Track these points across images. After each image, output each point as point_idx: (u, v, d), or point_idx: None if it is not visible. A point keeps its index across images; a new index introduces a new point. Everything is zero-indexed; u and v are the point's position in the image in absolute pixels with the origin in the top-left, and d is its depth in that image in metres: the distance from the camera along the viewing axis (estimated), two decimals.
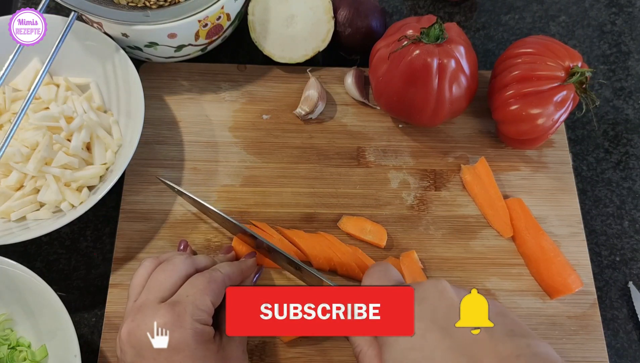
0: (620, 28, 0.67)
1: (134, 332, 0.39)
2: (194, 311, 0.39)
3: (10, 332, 0.48)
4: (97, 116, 0.53)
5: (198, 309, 0.39)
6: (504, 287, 0.52)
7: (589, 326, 0.51)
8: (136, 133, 0.50)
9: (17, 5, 0.66)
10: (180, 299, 0.40)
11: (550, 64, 0.51)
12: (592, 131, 0.61)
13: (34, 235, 0.47)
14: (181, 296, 0.40)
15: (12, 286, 0.47)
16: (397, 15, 0.67)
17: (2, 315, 0.48)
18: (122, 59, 0.54)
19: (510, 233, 0.53)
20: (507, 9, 0.68)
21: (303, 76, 0.60)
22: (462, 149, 0.58)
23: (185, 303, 0.39)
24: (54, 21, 0.53)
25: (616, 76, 0.64)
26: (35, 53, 0.56)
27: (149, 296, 0.40)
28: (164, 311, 0.39)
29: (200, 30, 0.53)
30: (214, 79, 0.60)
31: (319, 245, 0.51)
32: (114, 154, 0.53)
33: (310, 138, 0.57)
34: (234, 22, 0.57)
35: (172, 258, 0.43)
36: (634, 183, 0.59)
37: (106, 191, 0.48)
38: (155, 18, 0.51)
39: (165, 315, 0.38)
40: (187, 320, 0.38)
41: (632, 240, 0.57)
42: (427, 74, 0.49)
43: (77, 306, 0.51)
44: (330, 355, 0.49)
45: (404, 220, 0.54)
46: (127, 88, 0.54)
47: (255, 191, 0.55)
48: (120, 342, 0.40)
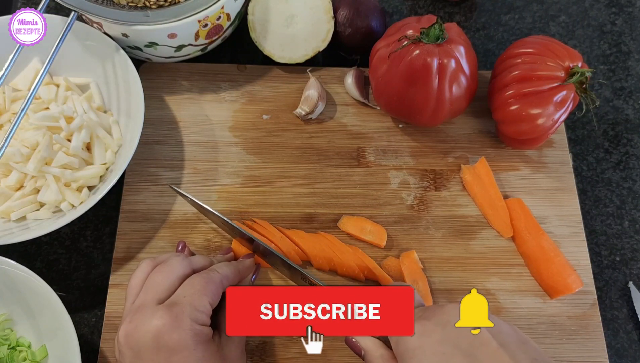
0: (620, 28, 0.67)
1: (132, 333, 0.39)
2: (192, 312, 0.39)
3: (10, 332, 0.48)
4: (97, 116, 0.53)
5: (196, 310, 0.39)
6: (504, 287, 0.52)
7: (589, 326, 0.51)
8: (136, 133, 0.50)
9: (17, 5, 0.66)
10: (178, 300, 0.40)
11: (550, 64, 0.51)
12: (592, 131, 0.61)
13: (34, 235, 0.47)
14: (179, 297, 0.40)
15: (12, 286, 0.47)
16: (397, 15, 0.67)
17: (2, 315, 0.48)
18: (122, 59, 0.54)
19: (510, 233, 0.53)
20: (507, 9, 0.68)
21: (303, 76, 0.60)
22: (462, 149, 0.58)
23: (183, 304, 0.39)
24: (54, 21, 0.53)
25: (616, 76, 0.64)
26: (35, 53, 0.56)
27: (146, 298, 0.40)
28: (161, 312, 0.38)
29: (200, 31, 0.53)
30: (214, 79, 0.60)
31: (319, 244, 0.51)
32: (114, 154, 0.53)
33: (310, 137, 0.57)
34: (234, 22, 0.57)
35: (169, 259, 0.43)
36: (634, 183, 0.59)
37: (106, 191, 0.48)
38: (155, 18, 0.51)
39: (163, 317, 0.38)
40: (185, 321, 0.38)
41: (632, 240, 0.57)
42: (427, 74, 0.49)
43: (77, 306, 0.52)
44: (330, 355, 0.49)
45: (404, 220, 0.54)
46: (127, 88, 0.54)
47: (255, 191, 0.55)
48: (118, 344, 0.39)
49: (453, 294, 0.51)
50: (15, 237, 0.47)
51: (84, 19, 0.54)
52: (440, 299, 0.51)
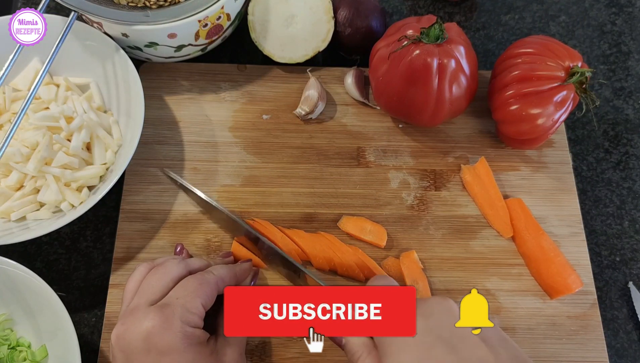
0: (620, 28, 0.67)
1: (123, 335, 0.38)
2: (183, 313, 0.39)
3: (10, 332, 0.48)
4: (97, 116, 0.53)
5: (188, 312, 0.39)
6: (504, 287, 0.52)
7: (589, 326, 0.51)
8: (136, 133, 0.50)
9: (17, 5, 0.66)
10: (170, 301, 0.39)
11: (550, 64, 0.51)
12: (592, 131, 0.61)
13: (34, 235, 0.47)
14: (171, 298, 0.40)
15: (12, 286, 0.47)
16: (397, 15, 0.67)
17: (2, 315, 0.48)
18: (122, 59, 0.54)
19: (510, 233, 0.53)
20: (507, 9, 0.68)
21: (303, 76, 0.60)
22: (462, 149, 0.58)
23: (175, 305, 0.39)
24: (54, 21, 0.53)
25: (616, 76, 0.64)
26: (35, 53, 0.56)
27: (140, 300, 0.40)
28: (152, 314, 0.38)
29: (201, 30, 0.53)
30: (214, 79, 0.60)
31: (319, 244, 0.51)
32: (114, 154, 0.53)
33: (310, 138, 0.57)
34: (234, 22, 0.57)
35: (165, 262, 0.43)
36: (634, 183, 0.59)
37: (106, 191, 0.48)
38: (155, 18, 0.51)
39: (153, 318, 0.38)
40: (175, 322, 0.38)
41: (632, 240, 0.57)
42: (427, 74, 0.49)
43: (77, 306, 0.52)
44: (330, 355, 0.49)
45: (404, 220, 0.54)
46: (127, 88, 0.54)
47: (255, 191, 0.55)
48: (111, 347, 0.39)
49: (453, 294, 0.51)
50: (15, 237, 0.47)
51: (84, 19, 0.54)
52: None
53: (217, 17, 0.53)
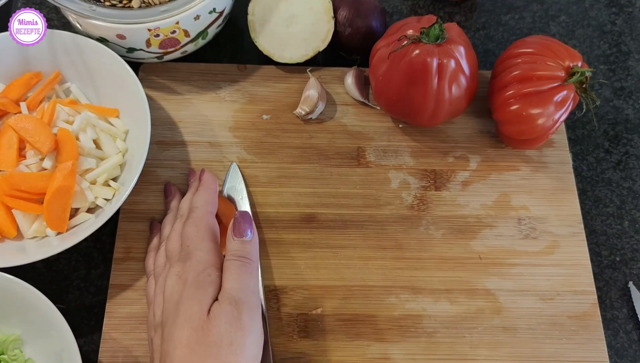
0: (620, 28, 0.67)
1: None
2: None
3: (20, 352, 0.47)
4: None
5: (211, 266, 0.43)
6: (504, 287, 0.52)
7: (589, 326, 0.51)
8: (145, 134, 0.50)
9: (17, 5, 0.66)
10: None
11: (550, 64, 0.51)
12: (592, 131, 0.61)
13: (80, 238, 0.46)
14: None
15: (22, 306, 0.46)
16: (397, 15, 0.67)
17: (12, 335, 0.47)
18: (118, 61, 0.53)
19: None
20: (507, 9, 0.68)
21: (303, 76, 0.60)
22: (462, 149, 0.58)
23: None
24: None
25: (616, 76, 0.64)
26: None
27: None
28: None
29: (152, 39, 0.52)
30: (214, 79, 0.60)
31: None
32: (123, 142, 0.53)
33: (310, 138, 0.57)
34: (197, 39, 0.55)
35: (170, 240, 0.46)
36: (634, 183, 0.59)
37: (139, 170, 0.48)
38: (101, 15, 0.50)
39: None
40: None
41: (632, 240, 0.57)
42: (427, 74, 0.49)
43: (77, 306, 0.51)
44: (330, 355, 0.49)
45: (404, 220, 0.54)
46: (126, 88, 0.53)
47: (255, 191, 0.55)
48: None
49: (453, 294, 0.51)
50: (58, 247, 0.46)
51: None
52: (440, 299, 0.51)
53: (172, 31, 0.52)
